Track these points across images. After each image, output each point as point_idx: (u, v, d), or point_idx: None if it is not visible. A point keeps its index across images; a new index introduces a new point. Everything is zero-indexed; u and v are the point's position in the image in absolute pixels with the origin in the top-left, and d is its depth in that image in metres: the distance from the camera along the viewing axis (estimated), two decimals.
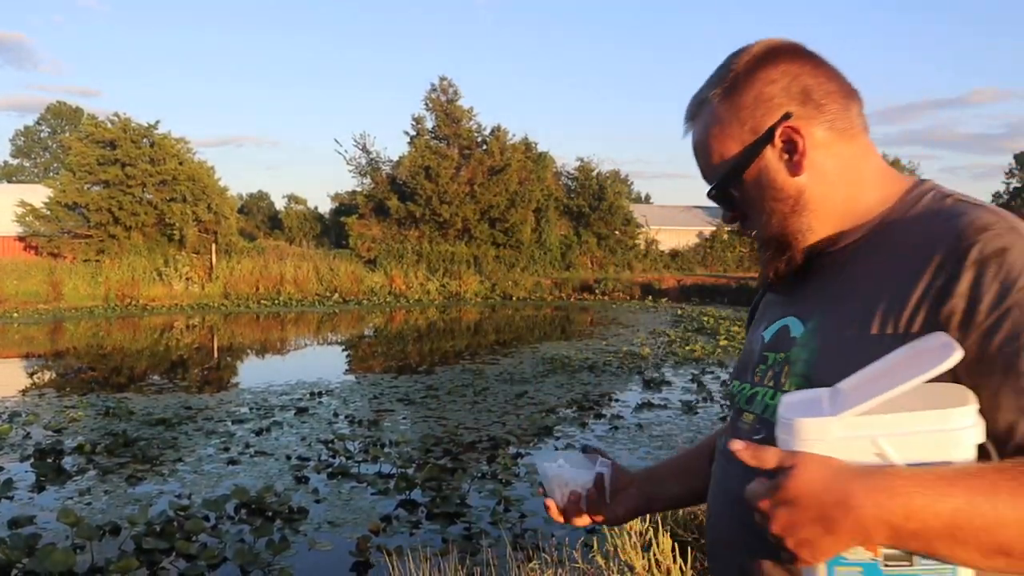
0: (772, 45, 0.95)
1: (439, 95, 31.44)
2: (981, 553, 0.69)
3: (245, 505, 5.11)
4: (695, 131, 0.99)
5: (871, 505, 0.69)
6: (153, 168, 26.49)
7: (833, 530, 0.71)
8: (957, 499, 0.68)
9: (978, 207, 0.84)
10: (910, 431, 0.73)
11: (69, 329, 16.87)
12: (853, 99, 0.94)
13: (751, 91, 0.92)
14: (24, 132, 62.71)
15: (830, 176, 0.91)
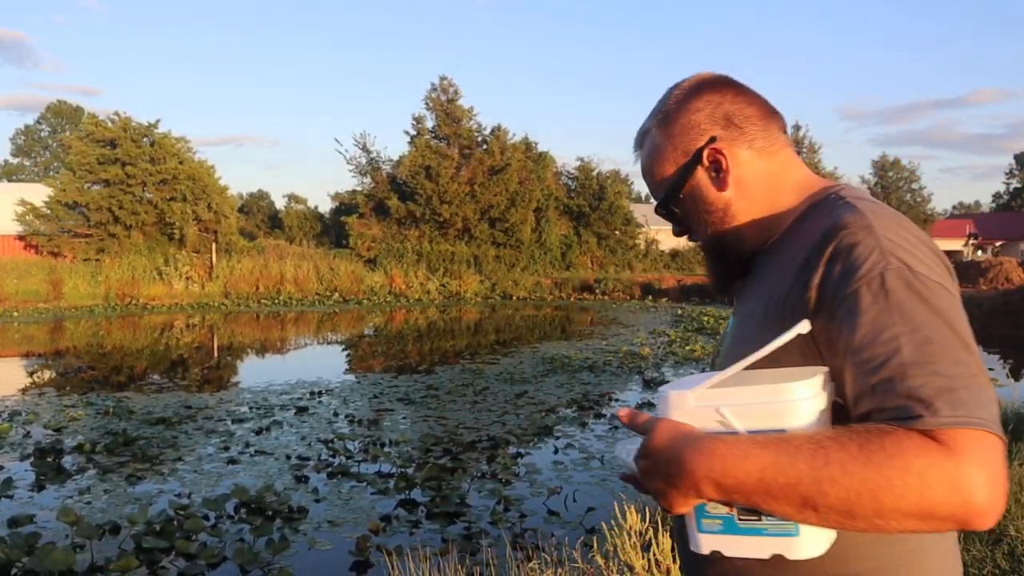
0: (700, 79, 1.09)
1: (439, 95, 31.44)
2: (792, 507, 0.78)
3: (245, 504, 5.11)
4: (641, 158, 1.13)
5: (696, 464, 0.82)
6: (153, 167, 26.50)
7: (674, 484, 0.84)
8: (764, 459, 0.78)
9: (849, 208, 0.93)
10: (748, 402, 0.84)
11: (69, 328, 16.87)
12: (773, 120, 1.07)
13: (681, 120, 1.06)
14: (24, 131, 62.70)
15: (753, 189, 1.05)
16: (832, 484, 0.76)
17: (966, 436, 0.75)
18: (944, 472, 0.73)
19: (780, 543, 0.84)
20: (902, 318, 0.82)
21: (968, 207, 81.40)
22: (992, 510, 0.74)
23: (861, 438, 0.77)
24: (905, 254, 0.86)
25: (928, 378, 0.78)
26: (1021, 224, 51.66)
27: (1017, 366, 12.70)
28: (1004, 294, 18.85)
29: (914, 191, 45.75)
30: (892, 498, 0.74)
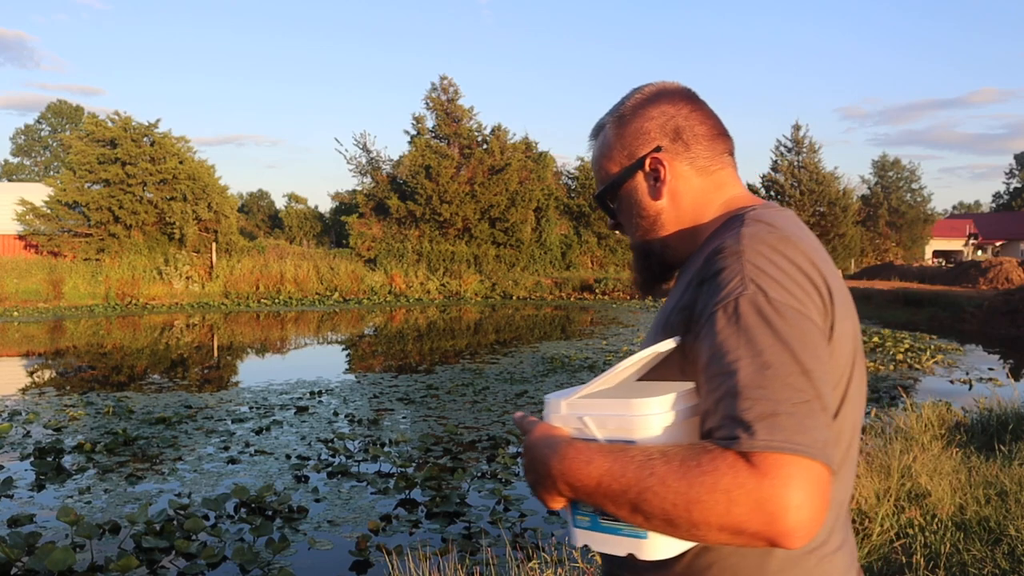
0: (662, 88, 1.13)
1: (440, 94, 31.43)
2: (626, 512, 0.85)
3: (245, 504, 5.11)
4: (593, 149, 1.18)
5: (552, 466, 0.90)
6: (153, 167, 26.49)
7: (540, 482, 0.93)
8: (603, 466, 0.86)
9: (736, 232, 0.96)
10: (606, 414, 0.92)
11: (69, 328, 16.87)
12: (720, 141, 1.12)
13: (635, 124, 1.11)
14: (25, 130, 62.70)
15: (684, 204, 1.10)
16: (653, 495, 0.81)
17: (779, 460, 0.78)
18: (749, 492, 0.77)
19: (633, 543, 0.90)
20: (747, 343, 0.85)
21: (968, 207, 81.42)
22: (799, 531, 0.77)
23: (685, 455, 0.82)
24: (765, 280, 0.89)
25: (756, 402, 0.82)
26: (1021, 224, 51.65)
27: (1017, 366, 12.70)
28: (1004, 294, 18.84)
29: (914, 191, 45.73)
30: (702, 512, 0.79)
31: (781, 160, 39.36)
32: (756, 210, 1.03)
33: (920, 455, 4.62)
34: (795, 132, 39.24)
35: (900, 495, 3.96)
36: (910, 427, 5.73)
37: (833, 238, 38.34)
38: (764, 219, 0.98)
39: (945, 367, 11.50)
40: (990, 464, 4.63)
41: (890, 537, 3.49)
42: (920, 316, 19.05)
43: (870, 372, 10.73)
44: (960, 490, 4.08)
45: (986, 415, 6.00)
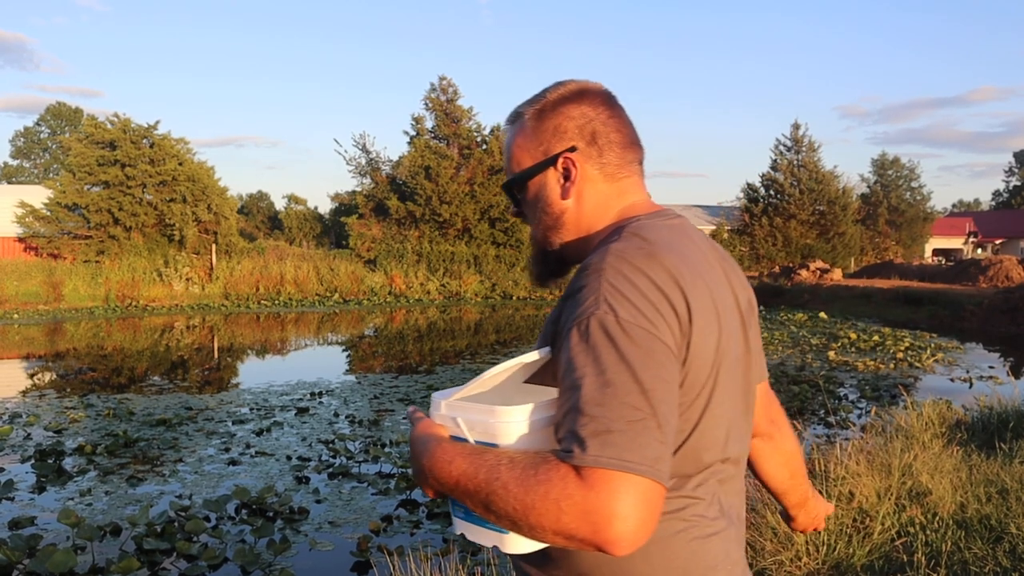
0: (584, 88, 1.15)
1: (439, 95, 31.43)
2: (479, 510, 0.92)
3: (246, 505, 5.11)
4: (508, 135, 1.19)
5: (423, 462, 0.98)
6: (153, 169, 26.48)
7: (416, 475, 1.01)
8: (461, 467, 0.93)
9: (605, 247, 1.01)
10: (475, 418, 0.98)
11: (69, 330, 16.87)
12: (632, 150, 1.15)
13: (553, 120, 1.13)
14: (24, 133, 62.69)
15: (587, 207, 1.13)
16: (497, 497, 0.88)
17: (607, 475, 0.84)
18: (577, 504, 0.83)
19: (496, 537, 0.98)
20: (593, 361, 0.90)
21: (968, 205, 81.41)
22: (623, 540, 0.83)
23: (528, 463, 0.88)
24: (618, 300, 0.93)
25: (592, 419, 0.87)
26: (1020, 222, 51.65)
27: (1017, 364, 12.70)
28: (1004, 292, 18.83)
29: (914, 189, 45.73)
30: (536, 517, 0.85)
31: (780, 159, 39.35)
32: (639, 221, 1.07)
33: (921, 453, 4.62)
34: (794, 131, 39.24)
35: (901, 493, 3.96)
36: (911, 425, 5.73)
37: (833, 237, 38.33)
38: (641, 233, 1.03)
39: (945, 365, 11.50)
40: (991, 462, 4.63)
41: (891, 535, 3.49)
42: (920, 314, 19.05)
43: (871, 371, 10.74)
44: (961, 488, 4.08)
45: (986, 413, 6.00)
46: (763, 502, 3.73)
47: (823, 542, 3.34)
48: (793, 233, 38.03)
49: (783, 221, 38.18)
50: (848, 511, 3.65)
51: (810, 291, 23.62)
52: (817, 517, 1.50)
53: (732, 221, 40.41)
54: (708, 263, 1.08)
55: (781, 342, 13.91)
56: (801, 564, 3.23)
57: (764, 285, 25.77)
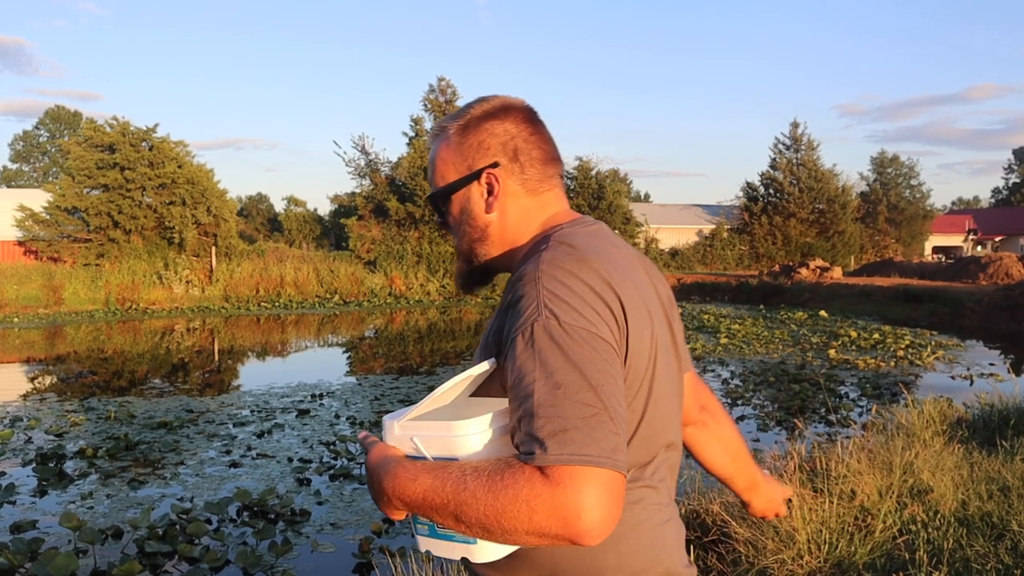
0: (507, 104, 1.20)
1: (437, 96, 31.45)
2: (449, 522, 0.95)
3: (247, 507, 5.11)
4: (432, 149, 1.23)
5: (384, 484, 1.00)
6: (152, 171, 26.47)
7: (377, 498, 1.03)
8: (426, 483, 0.96)
9: (536, 256, 1.06)
10: (431, 435, 1.01)
11: (69, 333, 16.87)
12: (552, 165, 1.20)
13: (478, 136, 1.18)
14: (23, 136, 62.71)
15: (510, 220, 1.18)
16: (468, 507, 0.91)
17: (570, 471, 0.88)
18: (546, 501, 0.87)
19: (465, 548, 1.01)
20: (541, 365, 0.94)
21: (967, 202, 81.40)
22: (593, 530, 0.87)
23: (493, 470, 0.92)
24: (558, 304, 0.98)
25: (548, 420, 0.91)
26: (1020, 219, 51.65)
27: (1018, 361, 12.70)
28: (1004, 289, 18.83)
29: (913, 187, 45.75)
30: (508, 520, 0.89)
31: (780, 158, 39.36)
32: (563, 230, 1.13)
33: (922, 451, 4.62)
34: (793, 130, 39.27)
35: (902, 491, 3.96)
36: (912, 423, 5.73)
37: (832, 235, 38.34)
38: (567, 240, 1.09)
39: (946, 363, 11.50)
40: (992, 459, 4.63)
41: (893, 533, 3.49)
42: (920, 312, 19.05)
43: (871, 369, 10.74)
44: (962, 486, 4.08)
45: (987, 410, 6.00)
46: None
47: (824, 540, 3.34)
48: (793, 231, 38.04)
49: (783, 220, 38.20)
50: (850, 509, 3.65)
51: (810, 289, 23.61)
52: (774, 501, 1.54)
53: (732, 220, 40.42)
54: (631, 264, 1.15)
55: (781, 341, 13.91)
56: (803, 562, 3.22)
57: (764, 284, 25.76)
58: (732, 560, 3.37)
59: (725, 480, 1.49)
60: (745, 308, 21.92)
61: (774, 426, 7.46)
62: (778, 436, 7.01)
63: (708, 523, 3.76)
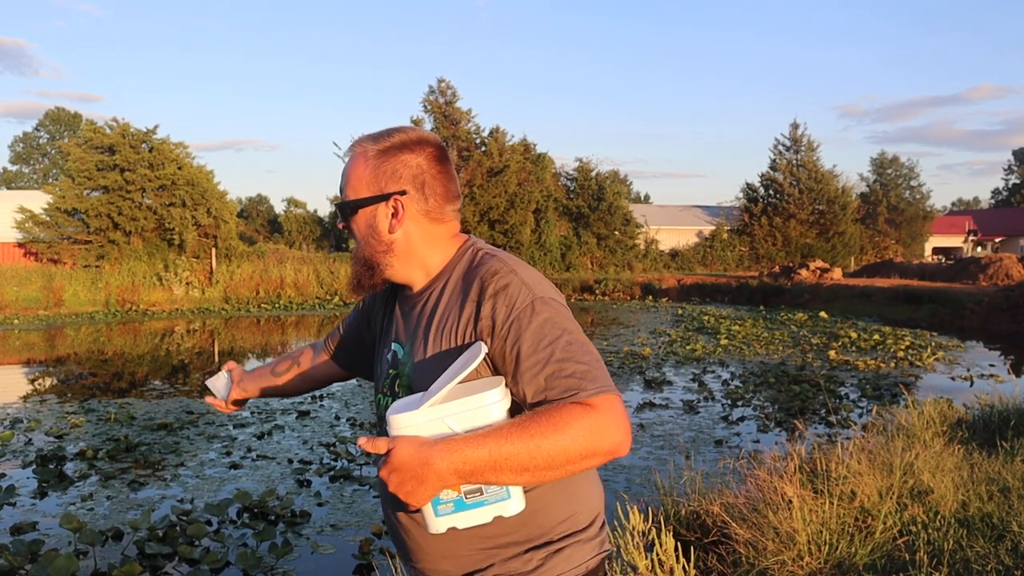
0: (422, 138, 1.40)
1: (437, 97, 31.49)
2: (514, 473, 1.14)
3: (247, 509, 5.11)
4: (348, 161, 1.41)
5: (441, 460, 1.13)
6: (152, 173, 26.48)
7: (424, 481, 1.14)
8: (489, 445, 1.13)
9: (493, 258, 1.33)
10: (463, 410, 1.16)
11: (70, 335, 16.87)
12: (452, 200, 1.42)
13: (392, 163, 1.36)
14: (23, 138, 62.72)
15: (413, 239, 1.39)
16: (538, 449, 1.12)
17: (604, 399, 1.17)
18: (597, 423, 1.14)
19: (498, 507, 1.20)
20: (551, 330, 1.23)
21: (967, 203, 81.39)
22: (626, 441, 1.17)
23: (548, 415, 1.15)
24: (539, 288, 1.28)
25: (575, 366, 1.19)
26: (1020, 220, 51.65)
27: (1018, 362, 12.70)
28: (1004, 290, 18.83)
29: (913, 188, 45.75)
30: (575, 449, 1.13)
31: (780, 159, 39.37)
32: (478, 245, 1.41)
33: (922, 452, 4.62)
34: (793, 131, 39.28)
35: (903, 492, 3.96)
36: (912, 424, 5.73)
37: (832, 236, 38.33)
38: (495, 252, 1.36)
39: (946, 364, 11.50)
40: (992, 460, 4.63)
41: (893, 535, 3.49)
42: (920, 313, 19.05)
43: (871, 370, 10.74)
44: (962, 487, 4.08)
45: (987, 411, 6.00)
46: (764, 501, 3.73)
47: (825, 541, 3.34)
48: (793, 233, 38.04)
49: (783, 221, 38.20)
50: (850, 510, 3.65)
51: (810, 290, 23.62)
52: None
53: (732, 221, 40.42)
54: None
55: (781, 342, 13.92)
56: (803, 563, 3.22)
57: (764, 285, 25.76)
58: (732, 561, 3.37)
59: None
60: (745, 309, 21.92)
61: (774, 427, 7.46)
62: (778, 437, 7.01)
63: (708, 524, 3.76)
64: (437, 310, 1.35)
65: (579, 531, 1.35)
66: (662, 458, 6.24)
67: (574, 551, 1.33)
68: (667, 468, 5.31)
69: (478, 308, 1.26)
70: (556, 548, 1.31)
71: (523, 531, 1.30)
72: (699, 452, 6.50)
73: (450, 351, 1.29)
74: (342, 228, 1.45)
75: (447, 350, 1.29)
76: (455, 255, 1.40)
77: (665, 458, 6.19)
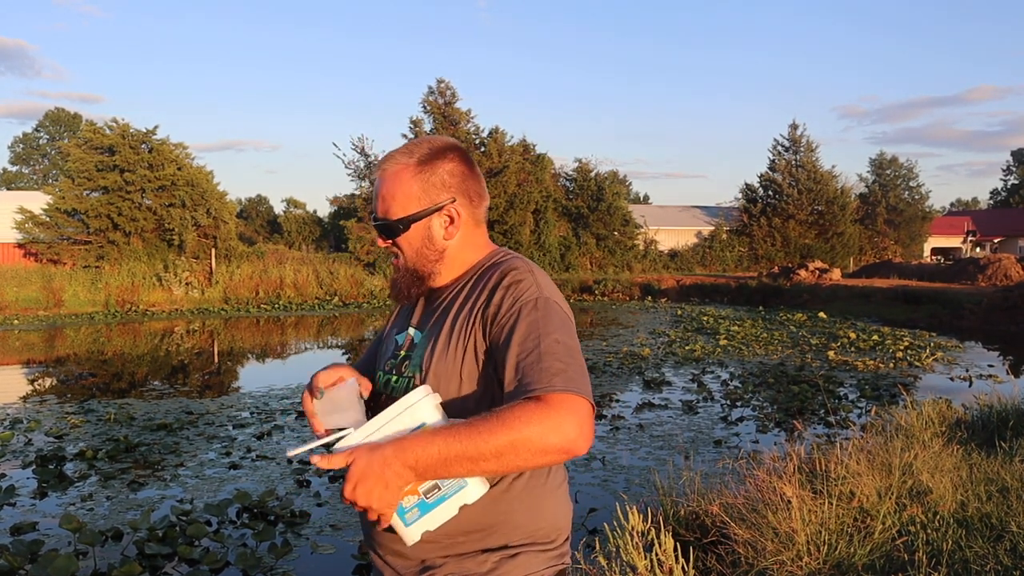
0: (456, 148, 1.46)
1: (437, 97, 31.48)
2: (465, 468, 1.18)
3: (247, 509, 5.11)
4: (386, 180, 1.44)
5: (395, 458, 1.18)
6: (152, 173, 26.48)
7: (386, 484, 1.18)
8: (438, 443, 1.18)
9: (516, 259, 1.42)
10: (389, 419, 1.25)
11: (69, 335, 16.86)
12: (485, 200, 1.50)
13: (437, 176, 1.43)
14: (23, 139, 62.70)
15: (462, 245, 1.46)
16: (486, 444, 1.15)
17: (565, 398, 1.19)
18: (550, 420, 1.16)
19: (458, 498, 1.24)
20: (545, 326, 1.28)
21: (966, 204, 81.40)
22: (583, 442, 1.19)
23: (500, 411, 1.18)
24: (549, 291, 1.36)
25: (552, 363, 1.23)
26: (1019, 220, 51.67)
27: (1016, 362, 12.71)
28: (1003, 291, 18.84)
29: (912, 189, 45.77)
30: (524, 442, 1.16)
31: (779, 159, 39.38)
32: (506, 249, 1.50)
33: (921, 452, 4.63)
34: (792, 131, 39.29)
35: (901, 492, 3.96)
36: (911, 425, 5.74)
37: (832, 236, 38.35)
38: (519, 256, 1.45)
39: (945, 364, 11.51)
40: (991, 461, 4.64)
41: (892, 534, 3.49)
42: (919, 314, 19.06)
43: (870, 370, 10.75)
44: (961, 487, 4.08)
45: (986, 412, 6.01)
46: (763, 502, 3.73)
47: (824, 541, 3.35)
48: (792, 233, 38.05)
49: (782, 221, 38.21)
50: (849, 510, 3.65)
51: (809, 291, 23.62)
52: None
53: (731, 222, 40.44)
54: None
55: (780, 342, 13.92)
56: (802, 564, 3.23)
57: (763, 285, 25.77)
58: (731, 561, 3.37)
59: None
60: (744, 310, 21.93)
61: (773, 427, 7.47)
62: (777, 437, 7.01)
63: (707, 524, 3.77)
64: (457, 301, 1.42)
65: (539, 543, 1.38)
66: (661, 458, 6.25)
67: (530, 559, 1.36)
68: (666, 468, 5.31)
69: (490, 296, 1.34)
70: (512, 553, 1.35)
71: (483, 536, 1.35)
72: (698, 452, 6.50)
73: (461, 335, 1.36)
74: (386, 246, 1.48)
75: (459, 334, 1.36)
76: (486, 256, 1.48)
77: (664, 458, 6.20)
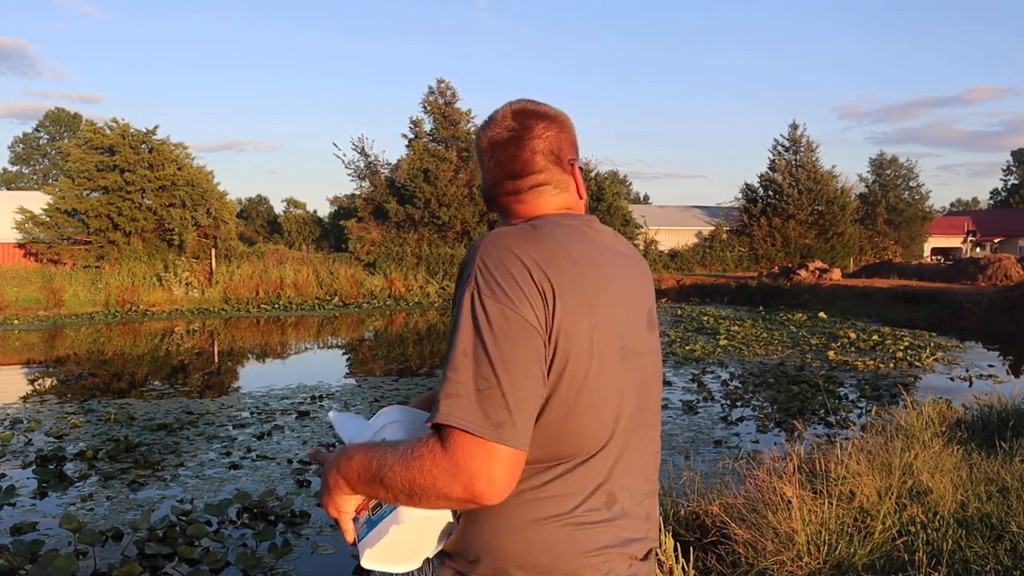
0: (563, 113, 1.31)
1: (437, 97, 31.48)
2: (379, 491, 1.06)
3: (247, 509, 5.12)
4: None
5: (332, 467, 1.13)
6: (152, 174, 26.48)
7: (328, 489, 1.14)
8: (359, 460, 1.08)
9: (489, 235, 1.12)
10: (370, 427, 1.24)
11: (70, 335, 16.86)
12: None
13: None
14: (23, 139, 62.70)
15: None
16: (390, 476, 1.03)
17: (462, 438, 0.98)
18: (445, 469, 0.98)
19: (395, 515, 1.12)
20: (461, 333, 1.03)
21: (966, 204, 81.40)
22: (486, 494, 0.98)
23: (406, 444, 1.04)
24: (485, 278, 1.05)
25: (449, 383, 1.01)
26: (1019, 220, 51.67)
27: (1016, 362, 12.71)
28: (1003, 290, 18.84)
29: (912, 189, 45.77)
30: (421, 484, 1.00)
31: (779, 159, 39.39)
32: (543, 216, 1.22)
33: (921, 452, 4.63)
34: (792, 131, 39.29)
35: (902, 492, 3.96)
36: (911, 425, 5.74)
37: (832, 237, 38.35)
38: (534, 223, 1.16)
39: (945, 364, 11.50)
40: (991, 461, 4.64)
41: (892, 534, 3.49)
42: (919, 314, 19.06)
43: (870, 370, 10.75)
44: (961, 487, 4.08)
45: (986, 412, 6.01)
46: (763, 502, 3.73)
47: (824, 541, 3.35)
48: (792, 233, 38.06)
49: (782, 221, 38.22)
50: (849, 510, 3.65)
51: (809, 291, 23.63)
52: None
53: (731, 222, 40.44)
54: (597, 261, 1.15)
55: (781, 342, 13.92)
56: (803, 564, 3.23)
57: (763, 285, 25.78)
58: (732, 561, 3.37)
59: None
60: (744, 310, 21.93)
61: (773, 427, 7.47)
62: (777, 437, 7.02)
63: (707, 524, 3.77)
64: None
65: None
66: (661, 458, 6.24)
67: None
68: (666, 468, 5.31)
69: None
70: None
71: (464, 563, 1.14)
72: (698, 452, 6.50)
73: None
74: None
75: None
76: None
77: (664, 458, 6.20)
